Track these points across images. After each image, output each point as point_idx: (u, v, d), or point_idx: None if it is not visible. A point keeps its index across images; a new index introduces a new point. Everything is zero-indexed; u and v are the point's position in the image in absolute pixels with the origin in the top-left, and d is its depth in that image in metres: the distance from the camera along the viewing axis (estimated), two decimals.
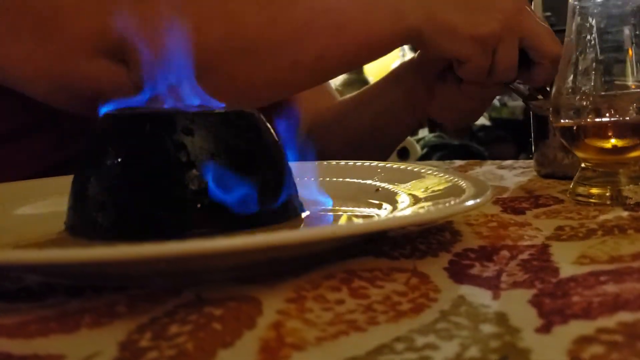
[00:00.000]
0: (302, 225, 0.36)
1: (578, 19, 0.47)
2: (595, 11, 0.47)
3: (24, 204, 0.42)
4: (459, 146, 2.64)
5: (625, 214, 0.41)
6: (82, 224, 0.34)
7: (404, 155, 2.43)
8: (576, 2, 0.48)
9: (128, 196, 0.33)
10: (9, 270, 0.30)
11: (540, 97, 0.64)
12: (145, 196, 0.32)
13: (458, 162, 0.77)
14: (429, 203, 0.34)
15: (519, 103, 3.91)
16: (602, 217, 0.40)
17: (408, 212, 0.32)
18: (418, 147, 2.47)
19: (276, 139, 0.38)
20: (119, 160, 0.33)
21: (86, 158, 0.35)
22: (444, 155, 2.49)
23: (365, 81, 3.54)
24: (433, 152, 2.56)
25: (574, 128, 0.47)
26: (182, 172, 0.32)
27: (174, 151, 0.33)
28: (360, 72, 3.55)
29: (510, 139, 3.66)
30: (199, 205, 0.32)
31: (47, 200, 0.42)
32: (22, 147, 0.60)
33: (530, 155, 0.80)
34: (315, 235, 0.26)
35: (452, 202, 0.31)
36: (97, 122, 0.35)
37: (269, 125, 0.38)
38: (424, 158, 2.49)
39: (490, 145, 3.24)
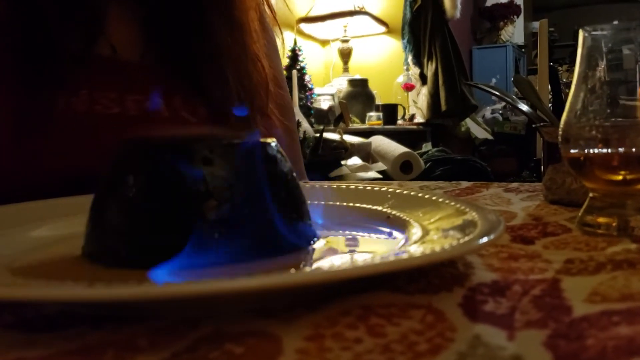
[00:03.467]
0: (316, 256, 0.36)
1: (588, 49, 0.48)
2: (605, 38, 0.47)
3: (41, 225, 0.42)
4: (461, 160, 2.65)
5: (633, 246, 0.41)
6: (100, 251, 0.34)
7: (407, 169, 2.44)
8: (586, 34, 0.48)
9: (146, 225, 0.33)
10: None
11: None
12: (163, 225, 0.33)
13: (465, 184, 0.77)
14: (443, 239, 0.35)
15: (521, 118, 3.92)
16: (611, 250, 0.40)
17: (423, 249, 0.33)
18: (421, 161, 2.48)
19: (292, 168, 0.38)
20: (138, 189, 0.34)
21: (106, 185, 0.35)
22: (447, 170, 2.50)
23: (370, 94, 3.56)
24: (436, 167, 2.57)
25: (583, 158, 0.47)
26: (200, 202, 0.33)
27: (192, 181, 0.33)
28: (365, 85, 3.57)
29: (512, 154, 3.67)
30: (216, 235, 0.33)
31: (63, 222, 0.43)
32: None
33: (535, 175, 0.81)
34: (331, 276, 0.26)
35: (467, 239, 0.31)
36: (117, 149, 0.36)
37: (284, 154, 0.38)
38: (427, 172, 2.49)
39: (492, 160, 3.25)
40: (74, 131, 0.63)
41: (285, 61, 3.30)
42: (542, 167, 0.65)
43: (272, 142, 0.37)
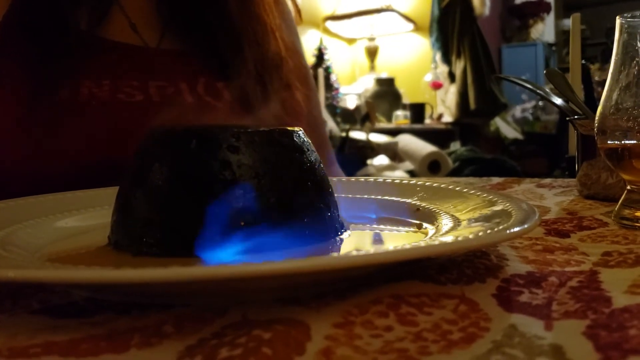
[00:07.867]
0: (343, 247, 0.36)
1: (625, 36, 0.47)
2: None
3: (68, 215, 0.42)
4: (491, 160, 2.61)
5: None
6: (126, 239, 0.34)
7: (435, 169, 2.42)
8: (624, 21, 0.47)
9: (173, 213, 0.33)
10: (55, 285, 0.30)
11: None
12: (190, 214, 0.32)
13: (495, 179, 0.76)
14: (475, 227, 0.34)
15: (552, 117, 3.85)
16: None
17: (456, 237, 0.32)
18: (450, 161, 2.46)
19: (318, 157, 0.38)
20: (165, 177, 0.33)
21: (132, 173, 0.35)
22: (476, 169, 2.47)
23: (397, 93, 3.54)
24: (465, 166, 2.54)
25: (620, 150, 0.46)
26: (226, 190, 0.32)
27: (219, 169, 0.33)
28: (391, 84, 3.55)
29: (542, 154, 3.61)
30: (242, 223, 0.32)
31: (89, 213, 0.43)
32: None
33: (567, 172, 0.79)
34: (359, 261, 0.25)
35: (500, 227, 0.30)
36: (143, 138, 0.35)
37: (311, 143, 0.38)
38: (455, 171, 2.47)
39: (522, 160, 3.20)
40: (97, 120, 0.63)
41: (311, 60, 3.30)
42: (575, 163, 0.63)
43: (299, 130, 0.36)
